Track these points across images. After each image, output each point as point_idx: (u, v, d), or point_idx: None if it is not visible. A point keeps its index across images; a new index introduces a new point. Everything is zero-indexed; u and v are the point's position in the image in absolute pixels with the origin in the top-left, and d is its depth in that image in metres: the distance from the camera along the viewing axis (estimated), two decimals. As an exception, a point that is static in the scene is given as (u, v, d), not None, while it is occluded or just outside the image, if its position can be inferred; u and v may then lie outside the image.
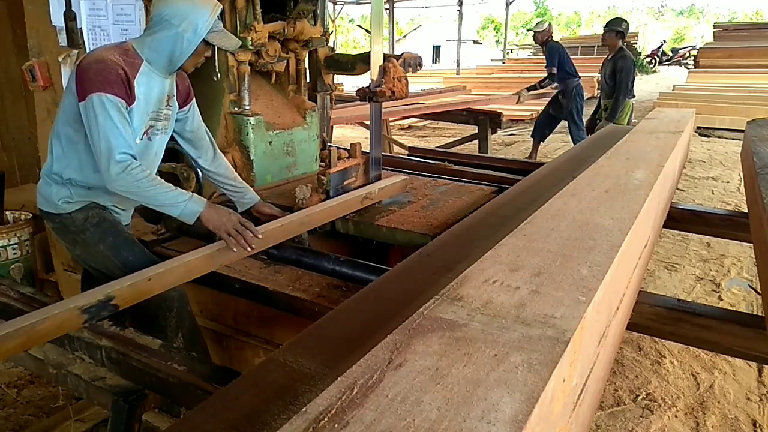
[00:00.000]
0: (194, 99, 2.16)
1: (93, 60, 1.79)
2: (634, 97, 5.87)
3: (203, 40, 1.87)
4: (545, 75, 6.47)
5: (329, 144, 3.09)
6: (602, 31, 5.69)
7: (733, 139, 8.53)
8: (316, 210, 2.24)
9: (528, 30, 7.64)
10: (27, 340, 1.44)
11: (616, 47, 5.51)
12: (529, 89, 6.93)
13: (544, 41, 6.50)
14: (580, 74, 6.46)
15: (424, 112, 7.18)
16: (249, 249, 1.90)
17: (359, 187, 2.56)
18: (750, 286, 3.68)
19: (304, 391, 0.94)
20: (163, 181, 1.86)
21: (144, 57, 1.86)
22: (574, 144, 6.57)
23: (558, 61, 6.32)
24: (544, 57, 6.59)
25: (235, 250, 1.88)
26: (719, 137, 8.95)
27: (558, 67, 6.29)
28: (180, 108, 2.08)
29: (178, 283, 1.81)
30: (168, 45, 1.84)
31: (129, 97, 1.80)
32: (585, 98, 6.60)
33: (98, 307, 1.56)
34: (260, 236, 1.93)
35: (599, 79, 6.00)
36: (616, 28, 5.51)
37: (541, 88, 6.63)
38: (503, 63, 17.87)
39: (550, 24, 6.72)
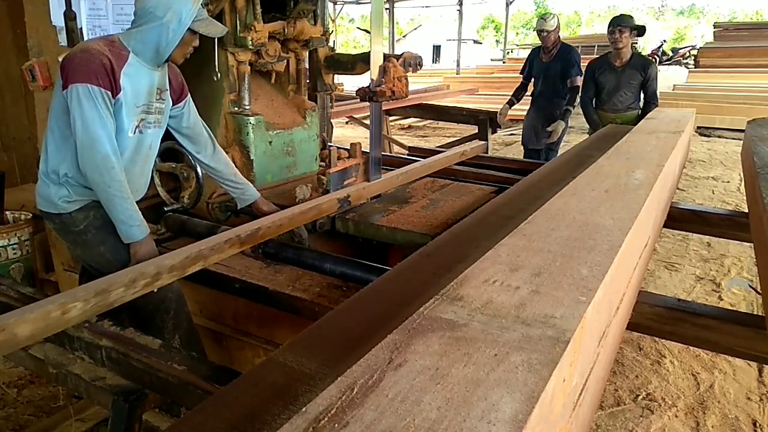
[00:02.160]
0: (189, 95, 2.17)
1: (78, 50, 1.81)
2: None
3: (189, 29, 1.88)
4: (566, 89, 4.73)
5: (329, 144, 3.09)
6: (614, 29, 4.15)
7: (733, 138, 8.54)
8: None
9: (535, 30, 4.96)
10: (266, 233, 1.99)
11: (629, 51, 4.25)
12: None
13: (555, 43, 4.84)
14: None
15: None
16: None
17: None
18: (750, 286, 3.68)
19: (304, 391, 0.94)
20: (130, 195, 1.86)
21: (131, 48, 1.87)
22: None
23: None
24: (556, 65, 4.80)
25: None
26: (719, 137, 8.96)
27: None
28: (174, 104, 2.08)
29: None
30: (154, 36, 1.85)
31: (113, 87, 1.81)
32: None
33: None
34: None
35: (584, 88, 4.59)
36: (631, 24, 4.17)
37: (574, 108, 4.74)
38: (503, 63, 17.88)
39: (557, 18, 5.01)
